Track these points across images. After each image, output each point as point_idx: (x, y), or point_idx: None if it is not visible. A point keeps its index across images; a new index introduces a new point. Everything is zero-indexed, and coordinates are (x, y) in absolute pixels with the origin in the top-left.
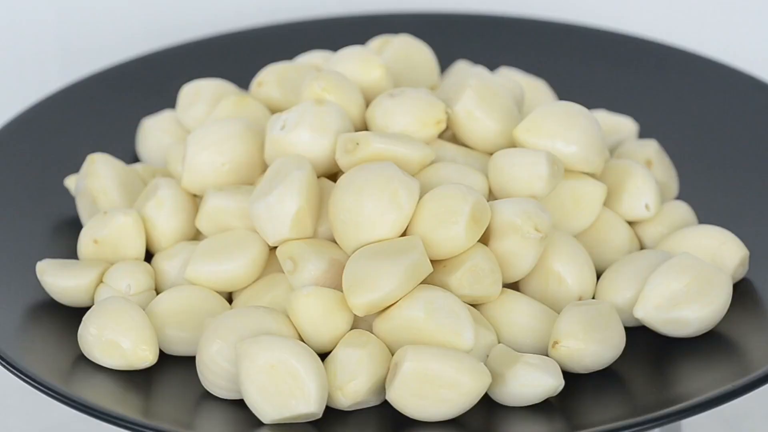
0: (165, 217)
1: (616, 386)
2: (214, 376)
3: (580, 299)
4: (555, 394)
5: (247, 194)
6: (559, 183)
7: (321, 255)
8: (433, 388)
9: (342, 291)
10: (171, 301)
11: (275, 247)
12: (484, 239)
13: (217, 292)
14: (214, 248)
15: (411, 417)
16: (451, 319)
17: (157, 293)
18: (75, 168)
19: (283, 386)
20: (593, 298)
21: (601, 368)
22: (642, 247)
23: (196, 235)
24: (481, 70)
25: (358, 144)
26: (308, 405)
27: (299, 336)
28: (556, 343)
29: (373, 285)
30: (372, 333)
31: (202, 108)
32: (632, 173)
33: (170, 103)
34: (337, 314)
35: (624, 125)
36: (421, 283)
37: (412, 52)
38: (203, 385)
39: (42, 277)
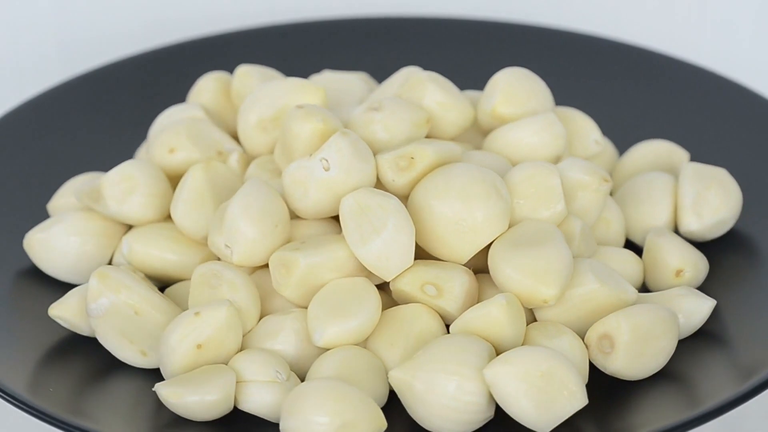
0: (245, 299)
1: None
2: (457, 413)
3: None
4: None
5: (321, 244)
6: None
7: (456, 272)
8: (649, 342)
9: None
10: (333, 367)
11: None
12: None
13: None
14: (331, 307)
15: (632, 379)
16: (614, 280)
17: None
18: (73, 168)
19: (553, 392)
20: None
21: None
22: None
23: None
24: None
25: (413, 158)
26: (577, 401)
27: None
28: (680, 271)
29: (560, 268)
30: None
31: (138, 200)
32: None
33: (168, 101)
34: (522, 316)
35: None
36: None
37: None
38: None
39: (174, 400)
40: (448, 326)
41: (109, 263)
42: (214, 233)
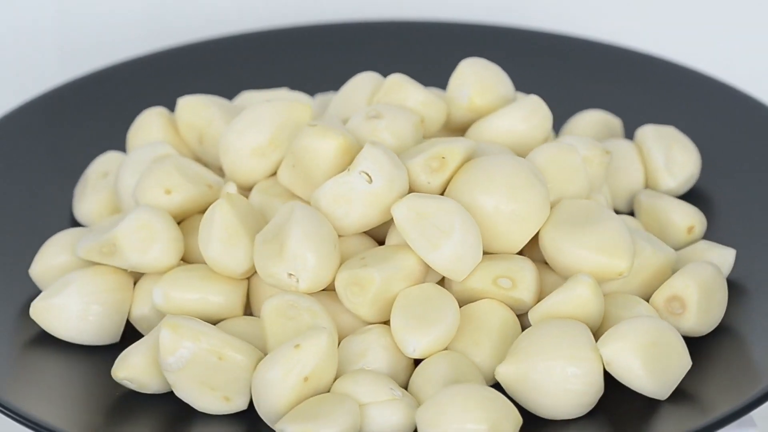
0: (328, 324)
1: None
2: (578, 395)
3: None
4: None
5: (386, 257)
6: None
7: (522, 262)
8: (711, 297)
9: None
10: (440, 375)
11: None
12: None
13: None
14: (416, 316)
15: (700, 335)
16: (657, 244)
17: None
18: (71, 169)
19: (665, 358)
20: None
21: None
22: None
23: None
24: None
25: (444, 158)
26: (686, 363)
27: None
28: (691, 228)
29: (626, 239)
30: None
31: (160, 247)
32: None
33: (167, 104)
34: (600, 292)
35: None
36: None
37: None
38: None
39: None
40: (518, 317)
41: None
42: (270, 264)
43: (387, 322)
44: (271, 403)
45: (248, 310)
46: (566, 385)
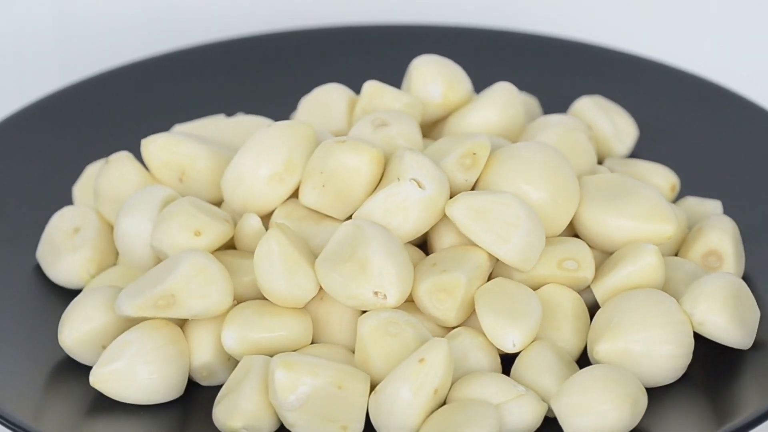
0: (428, 334)
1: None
2: (681, 359)
3: None
4: None
5: (458, 258)
6: None
7: (576, 243)
8: (738, 246)
9: None
10: (549, 363)
11: None
12: None
13: None
14: (507, 312)
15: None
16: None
17: None
18: (72, 173)
19: (744, 309)
20: None
21: None
22: None
23: None
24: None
25: (475, 154)
26: (757, 310)
27: None
28: (674, 186)
29: (666, 203)
30: None
31: (219, 288)
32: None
33: (168, 109)
34: None
35: None
36: None
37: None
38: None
39: None
40: None
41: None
42: (354, 286)
43: (459, 325)
44: (402, 422)
45: None
46: (666, 351)
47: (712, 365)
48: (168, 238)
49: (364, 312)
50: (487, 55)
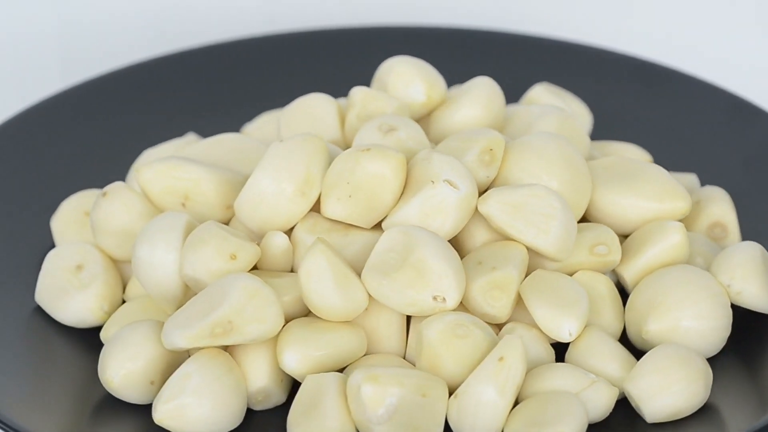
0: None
1: None
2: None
3: None
4: None
5: (500, 254)
6: None
7: (600, 227)
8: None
9: None
10: (610, 347)
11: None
12: None
13: None
14: (558, 302)
15: None
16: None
17: None
18: (73, 176)
19: None
20: None
21: None
22: None
23: None
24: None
25: (492, 150)
26: None
27: None
28: (650, 161)
29: (675, 181)
30: None
31: (274, 310)
32: None
33: (168, 110)
34: None
35: None
36: None
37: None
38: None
39: None
40: None
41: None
42: (412, 293)
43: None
44: (490, 423)
45: None
46: (713, 324)
47: (745, 334)
48: (203, 265)
49: (412, 318)
50: (454, 54)
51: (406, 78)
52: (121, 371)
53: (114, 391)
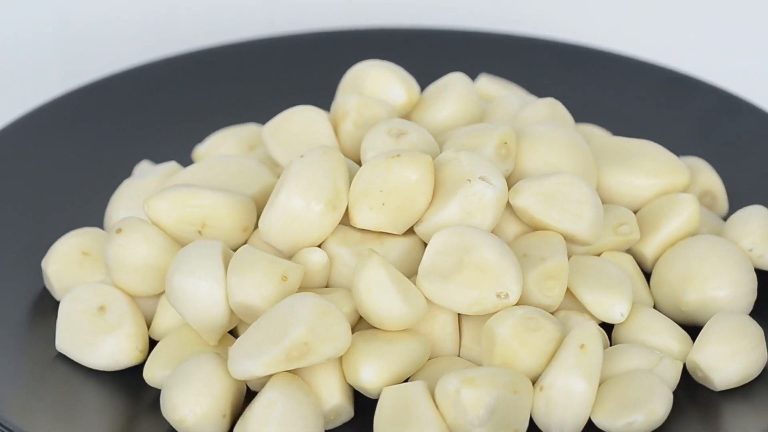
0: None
1: None
2: (750, 295)
3: None
4: None
5: (543, 244)
6: None
7: (616, 207)
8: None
9: None
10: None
11: None
12: None
13: None
14: (605, 286)
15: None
16: None
17: None
18: (73, 180)
19: None
20: None
21: None
22: None
23: None
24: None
25: (506, 143)
26: None
27: None
28: None
29: (672, 155)
30: None
31: (345, 326)
32: None
33: (169, 113)
34: None
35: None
36: None
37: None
38: None
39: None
40: None
41: None
42: (476, 293)
43: None
44: (579, 411)
45: None
46: (745, 289)
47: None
48: (254, 290)
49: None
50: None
51: (384, 81)
52: (197, 408)
53: (187, 430)
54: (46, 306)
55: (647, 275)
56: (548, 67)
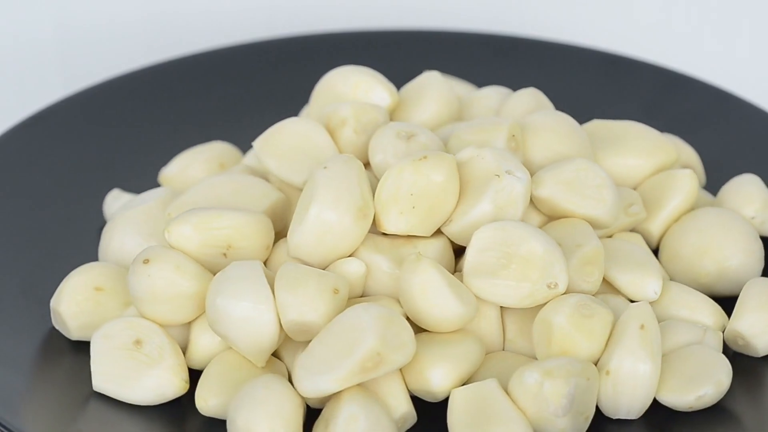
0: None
1: None
2: (760, 263)
3: None
4: None
5: (570, 232)
6: None
7: (629, 189)
8: None
9: None
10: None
11: None
12: None
13: None
14: (635, 270)
15: None
16: None
17: None
18: (74, 184)
19: None
20: None
21: None
22: None
23: None
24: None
25: (514, 135)
26: None
27: None
28: None
29: (662, 138)
30: None
31: (409, 336)
32: None
33: (169, 117)
34: None
35: None
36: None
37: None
38: None
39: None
40: None
41: None
42: (528, 285)
43: None
44: (647, 391)
45: None
46: (756, 256)
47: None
48: (309, 306)
49: (505, 309)
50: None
51: (365, 86)
52: (273, 430)
53: None
54: (61, 346)
55: (653, 252)
56: (483, 60)
